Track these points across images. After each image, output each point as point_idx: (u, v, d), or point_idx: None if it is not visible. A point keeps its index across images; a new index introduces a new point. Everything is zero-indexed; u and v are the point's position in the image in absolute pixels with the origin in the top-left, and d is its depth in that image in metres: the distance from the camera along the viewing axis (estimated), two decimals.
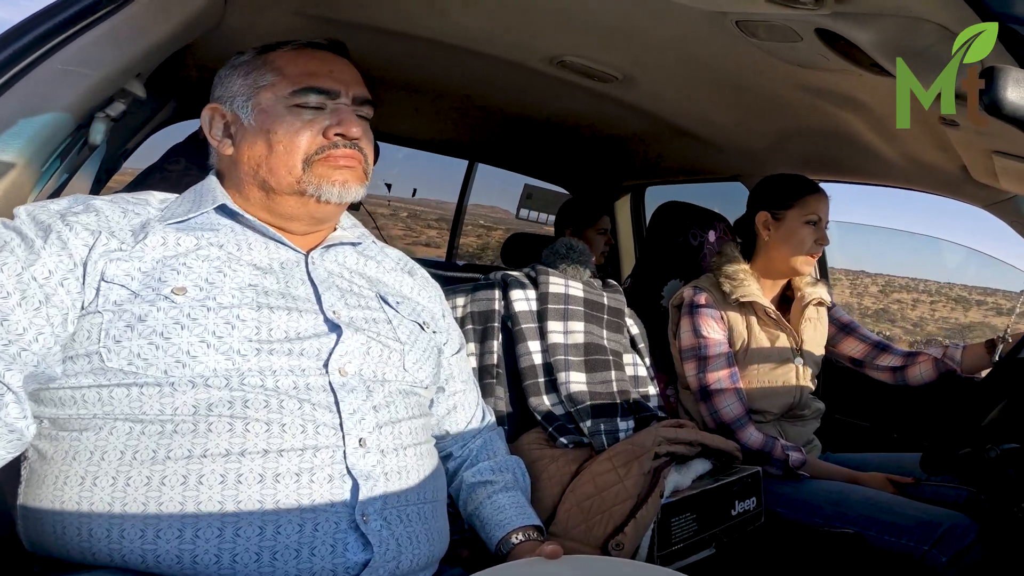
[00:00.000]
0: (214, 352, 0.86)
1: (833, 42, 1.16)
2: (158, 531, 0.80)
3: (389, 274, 1.14)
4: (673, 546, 1.27)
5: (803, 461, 1.62)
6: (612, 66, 1.62)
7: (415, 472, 0.96)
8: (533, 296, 1.63)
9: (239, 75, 1.03)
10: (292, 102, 0.99)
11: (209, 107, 1.04)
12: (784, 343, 1.75)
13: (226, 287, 0.90)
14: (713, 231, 2.13)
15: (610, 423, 1.49)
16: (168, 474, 0.82)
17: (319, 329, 0.94)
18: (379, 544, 0.87)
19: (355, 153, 1.01)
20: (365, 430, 0.91)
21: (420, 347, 1.07)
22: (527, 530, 1.09)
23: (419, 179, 4.26)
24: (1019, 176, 1.36)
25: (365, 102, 1.06)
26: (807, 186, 1.73)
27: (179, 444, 0.83)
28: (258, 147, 0.99)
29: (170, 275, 0.89)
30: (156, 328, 0.85)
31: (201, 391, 0.85)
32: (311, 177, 0.98)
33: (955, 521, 1.37)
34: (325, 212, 1.02)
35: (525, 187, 3.18)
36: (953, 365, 1.72)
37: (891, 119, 1.54)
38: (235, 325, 0.88)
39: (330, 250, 1.07)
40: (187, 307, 0.87)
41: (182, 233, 0.94)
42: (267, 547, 0.82)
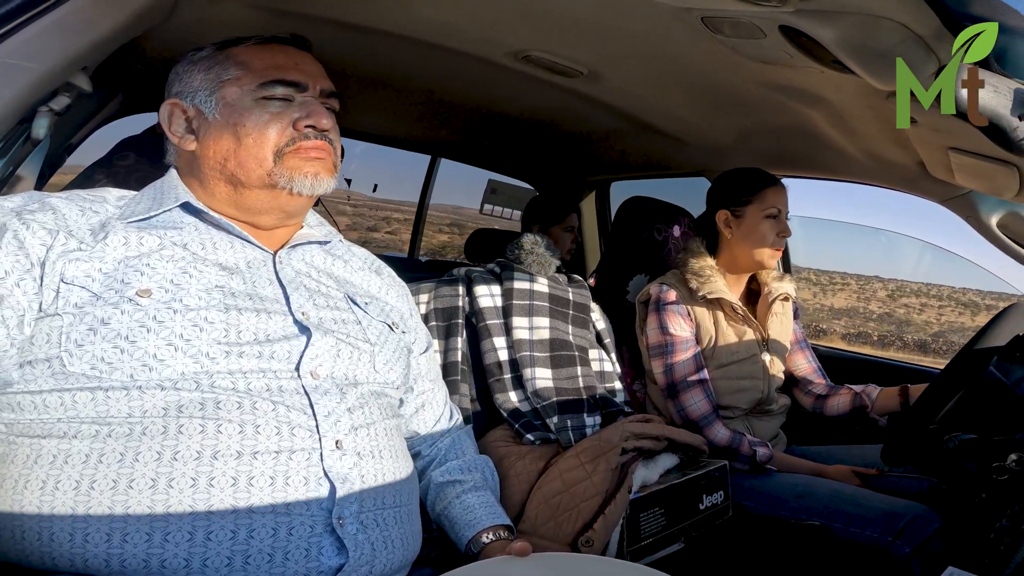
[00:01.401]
0: (182, 355, 0.84)
1: (796, 39, 1.17)
2: (125, 535, 0.78)
3: (356, 273, 1.12)
4: (642, 541, 1.27)
5: (770, 456, 1.64)
6: (577, 61, 1.61)
7: (391, 475, 0.95)
8: (498, 292, 1.62)
9: (199, 70, 1.01)
10: (259, 95, 0.98)
11: (169, 103, 1.01)
12: (751, 338, 1.77)
13: (192, 288, 0.88)
14: (678, 226, 2.14)
15: (577, 419, 1.48)
16: (136, 477, 0.79)
17: (288, 331, 0.93)
18: (354, 548, 0.85)
19: (325, 144, 1.00)
20: (341, 432, 0.90)
21: (390, 348, 1.05)
22: (497, 529, 1.08)
23: (381, 175, 4.22)
24: (974, 172, 1.39)
25: (332, 95, 1.05)
26: (764, 180, 1.75)
27: (148, 446, 0.80)
28: (225, 141, 0.97)
29: (133, 276, 0.86)
30: (121, 331, 0.82)
31: (171, 393, 0.83)
32: (282, 169, 0.96)
33: (918, 512, 1.40)
34: (296, 205, 1.01)
35: (489, 182, 3.17)
36: (867, 402, 1.79)
37: (852, 116, 1.56)
38: (203, 327, 0.86)
39: (297, 249, 1.05)
40: (152, 309, 0.84)
41: (144, 232, 0.91)
42: (239, 551, 0.80)
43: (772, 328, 1.80)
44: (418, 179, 3.40)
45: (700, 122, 1.96)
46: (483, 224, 3.34)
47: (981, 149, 1.26)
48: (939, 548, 1.36)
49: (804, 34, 1.13)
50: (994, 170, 1.29)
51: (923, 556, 1.35)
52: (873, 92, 1.27)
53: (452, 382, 1.48)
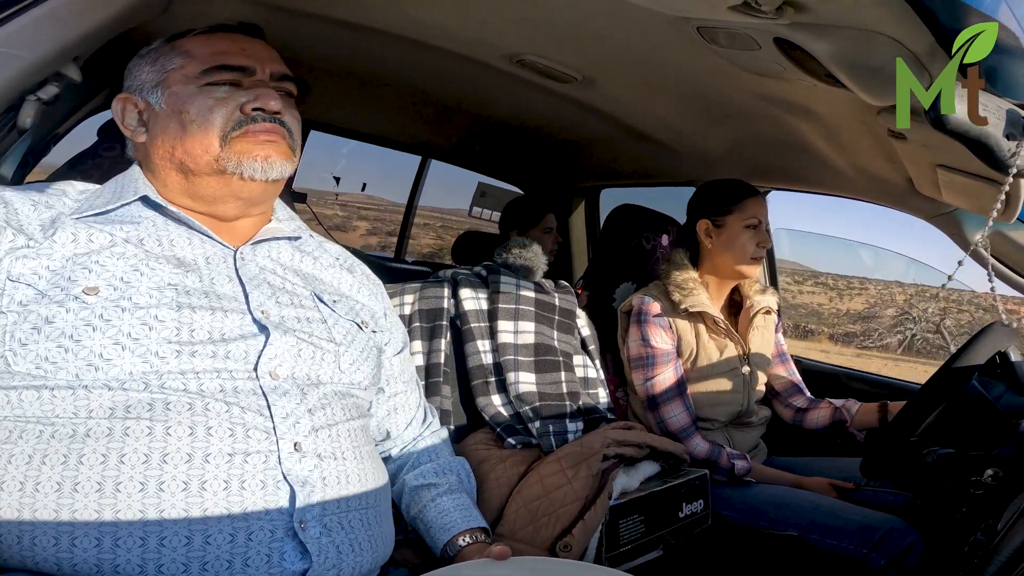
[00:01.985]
0: (130, 354, 0.81)
1: (790, 52, 1.17)
2: (73, 539, 0.76)
3: (327, 271, 1.10)
4: (621, 547, 1.27)
5: (748, 469, 1.65)
6: (571, 67, 1.62)
7: (355, 476, 0.93)
8: (483, 295, 1.61)
9: (147, 63, 1.00)
10: (203, 81, 0.96)
11: (119, 97, 1.01)
12: (732, 352, 1.77)
13: (143, 286, 0.86)
14: (666, 235, 2.15)
15: (559, 424, 1.48)
16: (81, 480, 0.77)
17: (246, 330, 0.90)
18: (318, 552, 0.83)
19: (276, 127, 0.97)
20: (300, 434, 0.88)
21: (357, 347, 1.03)
22: (473, 532, 1.07)
23: (370, 175, 4.20)
24: (961, 190, 1.40)
25: (284, 77, 1.03)
26: (744, 190, 1.76)
27: (92, 448, 0.78)
28: (171, 130, 0.95)
29: (81, 274, 0.84)
30: (65, 330, 0.80)
31: (118, 394, 0.80)
32: (229, 154, 0.94)
33: (893, 525, 1.41)
34: (252, 191, 0.98)
35: (479, 185, 3.17)
36: (847, 416, 1.80)
37: (843, 130, 1.57)
38: (152, 326, 0.84)
39: (262, 245, 1.03)
40: (99, 308, 0.82)
41: (96, 228, 0.89)
42: (196, 557, 0.78)
43: (753, 341, 1.81)
44: (407, 180, 3.40)
45: (692, 131, 1.97)
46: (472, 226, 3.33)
47: (968, 167, 1.27)
48: (914, 561, 1.37)
49: (798, 47, 1.13)
50: (980, 189, 1.30)
51: (898, 569, 1.36)
52: (865, 107, 1.28)
53: (434, 384, 1.47)
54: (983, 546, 0.99)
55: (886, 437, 1.33)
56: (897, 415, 1.34)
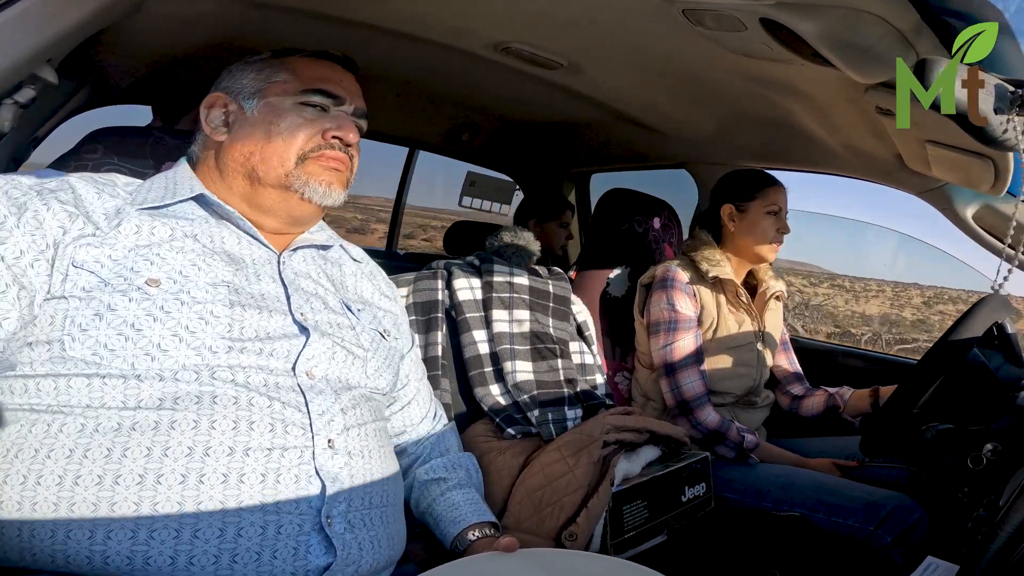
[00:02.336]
0: (185, 347, 0.84)
1: (777, 32, 1.17)
2: (108, 532, 0.76)
3: (351, 279, 1.14)
4: (625, 534, 1.27)
5: (757, 444, 1.67)
6: (558, 53, 1.60)
7: (379, 475, 0.95)
8: (477, 285, 1.61)
9: (252, 70, 1.05)
10: (299, 100, 1.01)
11: (214, 94, 1.05)
12: (749, 327, 1.82)
13: (200, 281, 0.89)
14: (658, 218, 2.14)
15: (558, 412, 1.48)
16: (124, 473, 0.78)
17: (288, 330, 0.93)
18: (342, 547, 0.85)
19: (346, 159, 1.04)
20: (334, 431, 0.90)
21: (381, 355, 1.06)
22: (483, 526, 1.08)
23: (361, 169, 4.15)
24: (950, 165, 1.40)
25: (363, 115, 1.09)
26: (767, 179, 1.82)
27: (137, 442, 0.79)
28: (256, 136, 0.99)
29: (143, 265, 0.86)
30: (127, 319, 0.82)
31: (169, 384, 0.82)
32: (300, 172, 0.99)
33: (898, 502, 1.42)
34: (304, 212, 1.03)
35: (468, 175, 3.14)
36: (840, 403, 1.86)
37: (831, 108, 1.57)
38: (209, 321, 0.86)
39: (298, 251, 1.06)
40: (160, 299, 0.85)
41: (157, 221, 0.92)
42: (227, 549, 0.79)
43: (767, 321, 1.86)
44: (396, 172, 3.37)
45: (681, 114, 1.96)
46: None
47: (957, 142, 1.27)
48: (919, 537, 1.38)
49: (785, 27, 1.13)
50: (970, 163, 1.30)
51: (904, 545, 1.37)
52: (852, 85, 1.28)
53: (432, 376, 1.47)
54: (986, 521, 0.99)
55: (885, 413, 1.33)
56: (896, 389, 1.35)
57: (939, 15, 1.02)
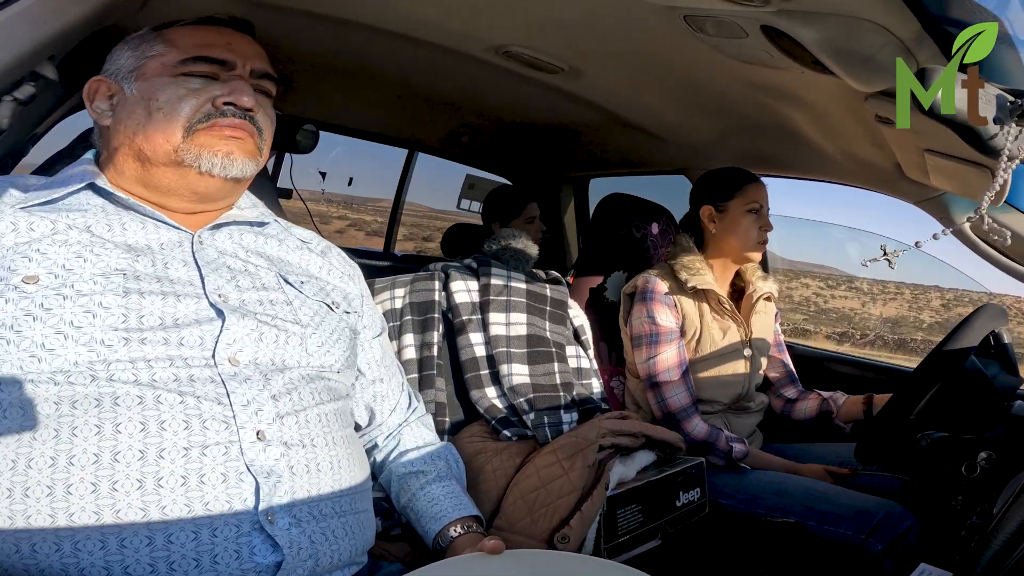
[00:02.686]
0: (73, 343, 0.79)
1: (778, 39, 1.17)
2: (33, 545, 0.74)
3: (293, 253, 1.07)
4: (619, 538, 1.27)
5: (746, 453, 1.65)
6: (558, 57, 1.60)
7: (327, 463, 0.90)
8: (475, 287, 1.61)
9: (128, 48, 0.98)
10: (180, 70, 0.94)
11: (93, 79, 0.98)
12: (735, 334, 1.79)
13: (86, 273, 0.83)
14: (656, 223, 2.15)
15: (554, 415, 1.48)
16: (31, 485, 0.75)
17: (201, 315, 0.87)
18: (289, 544, 0.81)
19: (244, 123, 0.95)
20: (263, 422, 0.85)
21: (326, 329, 1.00)
22: (465, 522, 1.05)
23: (356, 170, 4.16)
24: (948, 174, 1.41)
25: (265, 76, 1.01)
26: (745, 176, 1.79)
27: (40, 452, 0.76)
28: (136, 115, 0.93)
29: (20, 263, 0.82)
30: (5, 321, 0.78)
31: (64, 387, 0.78)
32: (190, 146, 0.92)
33: (890, 509, 1.42)
34: (208, 186, 0.95)
35: (467, 178, 3.14)
36: (833, 408, 1.85)
37: (831, 116, 1.57)
38: (96, 313, 0.81)
39: (223, 229, 1.00)
40: (39, 297, 0.80)
41: (37, 217, 0.86)
42: (160, 557, 0.75)
43: (755, 326, 1.83)
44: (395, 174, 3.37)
45: (680, 120, 1.96)
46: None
47: (956, 151, 1.27)
48: (911, 545, 1.38)
49: (785, 34, 1.13)
50: (968, 172, 1.31)
51: (895, 553, 1.37)
52: (852, 93, 1.28)
53: (428, 377, 1.47)
54: (979, 530, 1.00)
55: (881, 420, 1.34)
56: (892, 397, 1.35)
57: (940, 24, 1.03)
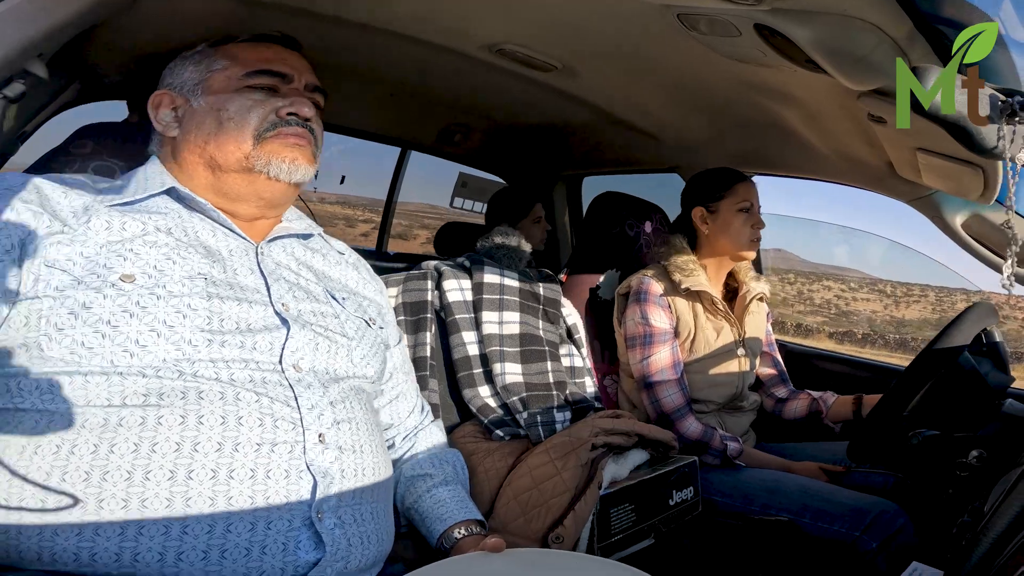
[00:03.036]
0: (164, 341, 0.83)
1: (771, 38, 1.17)
2: (97, 528, 0.76)
3: (335, 268, 1.13)
4: (613, 537, 1.27)
5: (740, 451, 1.66)
6: (552, 56, 1.60)
7: (370, 470, 0.95)
8: (468, 286, 1.60)
9: (191, 63, 1.05)
10: (245, 83, 1.01)
11: (158, 93, 1.04)
12: (729, 334, 1.80)
13: (175, 275, 0.88)
14: (649, 222, 2.15)
15: (547, 415, 1.48)
16: (111, 468, 0.77)
17: (269, 322, 0.92)
18: (331, 543, 0.85)
19: (305, 132, 1.03)
20: (324, 426, 0.90)
21: (367, 343, 1.05)
22: (469, 524, 1.08)
23: (350, 168, 4.14)
24: (940, 173, 1.41)
25: (316, 89, 1.09)
26: (734, 176, 1.80)
27: (124, 437, 0.79)
28: (207, 125, 0.99)
29: (116, 261, 0.85)
30: (103, 316, 0.81)
31: (152, 381, 0.81)
32: (260, 153, 0.98)
33: (884, 507, 1.42)
34: (274, 191, 1.02)
35: (460, 175, 3.14)
36: (823, 408, 1.85)
37: (823, 115, 1.58)
38: (186, 314, 0.85)
39: (277, 241, 1.06)
40: (136, 295, 0.84)
41: (127, 217, 0.91)
42: (216, 545, 0.78)
43: (748, 326, 1.84)
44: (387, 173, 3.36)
45: (674, 119, 1.96)
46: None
47: (948, 150, 1.28)
48: (905, 543, 1.39)
49: (779, 33, 1.13)
50: (960, 171, 1.31)
51: (889, 551, 1.37)
52: (845, 92, 1.28)
53: (421, 377, 1.46)
54: (970, 527, 1.00)
55: (874, 419, 1.34)
56: (885, 395, 1.35)
57: (932, 23, 1.03)
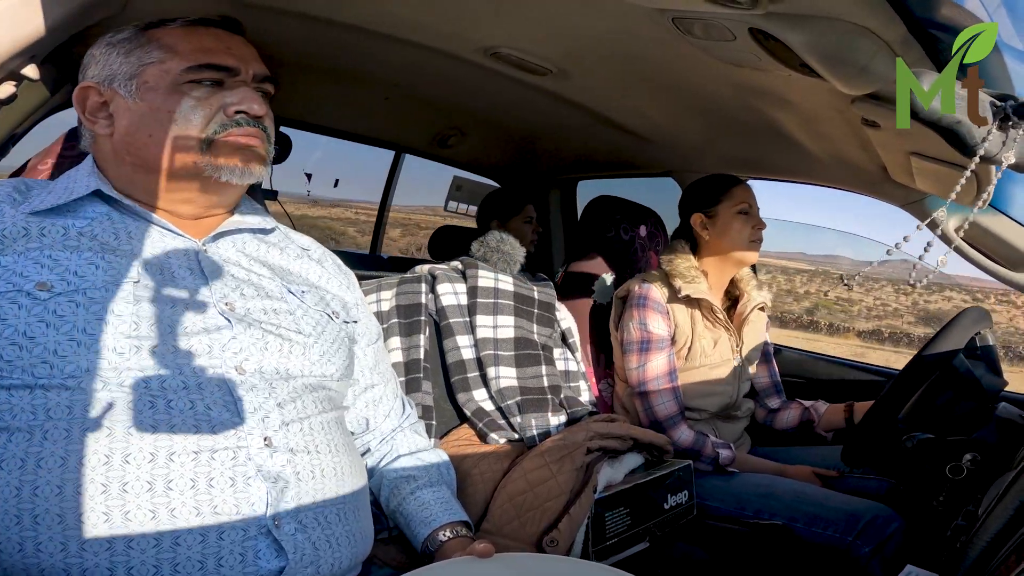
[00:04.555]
0: (85, 350, 0.79)
1: (765, 42, 1.17)
2: (38, 544, 0.74)
3: (294, 262, 1.07)
4: (607, 541, 1.27)
5: (732, 459, 1.66)
6: (546, 59, 1.60)
7: (331, 470, 0.91)
8: (462, 290, 1.60)
9: (118, 53, 0.95)
10: (186, 79, 0.93)
11: (82, 86, 0.96)
12: (726, 343, 1.80)
13: (98, 280, 0.83)
14: (644, 226, 2.15)
15: (541, 418, 1.47)
16: (40, 484, 0.75)
17: (209, 323, 0.88)
18: (294, 550, 0.82)
19: (258, 132, 0.96)
20: (270, 428, 0.86)
21: (327, 338, 1.01)
22: (455, 526, 1.06)
23: (343, 171, 4.14)
24: (934, 177, 1.41)
25: (266, 79, 1.00)
26: (729, 180, 1.81)
27: (50, 451, 0.76)
28: (146, 126, 0.92)
29: (33, 269, 0.82)
30: (18, 327, 0.78)
31: (76, 393, 0.78)
32: (210, 158, 0.92)
33: (877, 512, 1.42)
34: (224, 193, 0.97)
35: (454, 179, 3.14)
36: (815, 416, 1.85)
37: (818, 119, 1.58)
38: (108, 321, 0.81)
39: (226, 237, 1.00)
40: (52, 303, 0.80)
41: (49, 222, 0.87)
42: (166, 559, 0.76)
43: (747, 335, 1.84)
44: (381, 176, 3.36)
45: (668, 122, 1.96)
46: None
47: (941, 155, 1.28)
48: (898, 547, 1.39)
49: (773, 37, 1.13)
50: (953, 175, 1.31)
51: (882, 555, 1.37)
52: (839, 96, 1.29)
53: (414, 380, 1.46)
54: (964, 530, 1.00)
55: (867, 423, 1.34)
56: (878, 399, 1.36)
57: (926, 27, 1.03)
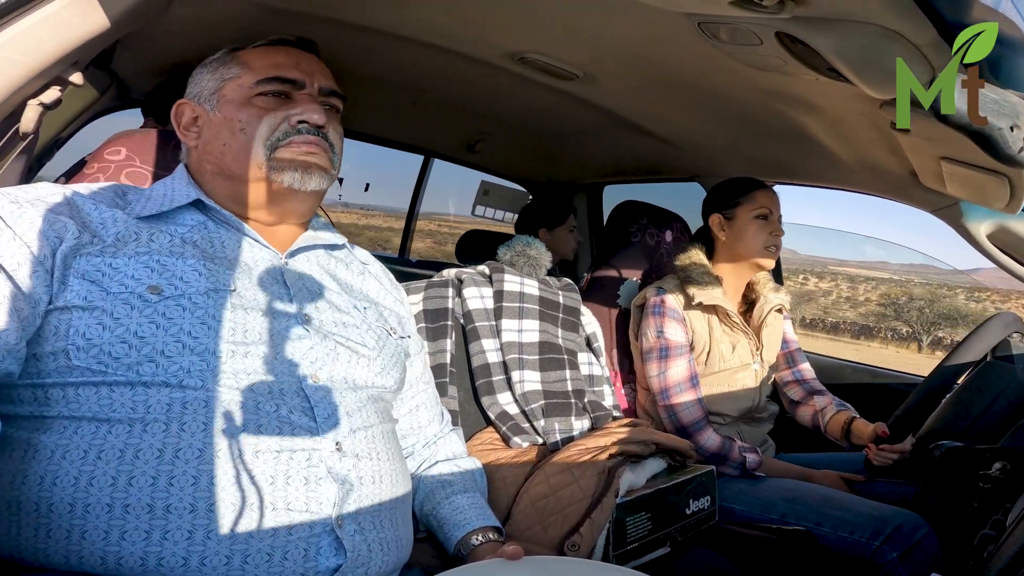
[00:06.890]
0: (189, 352, 0.84)
1: (792, 46, 1.17)
2: (123, 533, 0.77)
3: (357, 278, 1.13)
4: (628, 545, 1.27)
5: (759, 463, 1.65)
6: (573, 64, 1.61)
7: (388, 477, 0.96)
8: (488, 294, 1.61)
9: (208, 71, 1.05)
10: (256, 91, 1.01)
11: (179, 103, 1.05)
12: (745, 347, 1.78)
13: (201, 287, 0.89)
14: (670, 231, 2.14)
15: (564, 423, 1.48)
16: (136, 474, 0.79)
17: (292, 333, 0.93)
18: (352, 549, 0.86)
19: (318, 140, 1.01)
20: (341, 434, 0.91)
21: (388, 353, 1.06)
22: (486, 531, 1.09)
23: (373, 176, 4.18)
24: (965, 182, 1.39)
25: (332, 93, 1.07)
26: (752, 183, 1.79)
27: (149, 443, 0.80)
28: (222, 135, 1.00)
29: (144, 273, 0.87)
30: (130, 327, 0.83)
31: (176, 391, 0.83)
32: (273, 163, 0.98)
33: (905, 518, 1.40)
34: (290, 200, 1.02)
35: (482, 184, 3.16)
36: (821, 424, 1.82)
37: (846, 123, 1.56)
38: (210, 325, 0.86)
39: (303, 252, 1.06)
40: (162, 306, 0.85)
41: (155, 229, 0.92)
42: (238, 550, 0.79)
43: (765, 338, 1.82)
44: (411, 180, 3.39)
45: (694, 127, 1.96)
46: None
47: (972, 159, 1.26)
48: (925, 554, 1.37)
49: (800, 41, 1.13)
50: (985, 180, 1.29)
51: (909, 561, 1.36)
52: (867, 100, 1.27)
53: (440, 384, 1.47)
54: (992, 539, 0.99)
55: (894, 433, 1.33)
56: (900, 412, 1.34)
57: (955, 31, 1.02)
